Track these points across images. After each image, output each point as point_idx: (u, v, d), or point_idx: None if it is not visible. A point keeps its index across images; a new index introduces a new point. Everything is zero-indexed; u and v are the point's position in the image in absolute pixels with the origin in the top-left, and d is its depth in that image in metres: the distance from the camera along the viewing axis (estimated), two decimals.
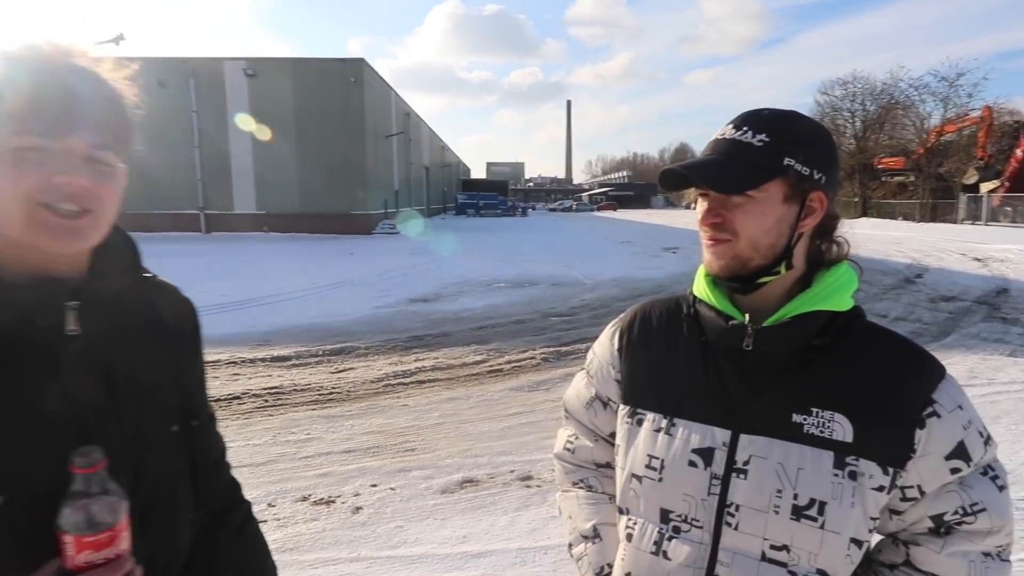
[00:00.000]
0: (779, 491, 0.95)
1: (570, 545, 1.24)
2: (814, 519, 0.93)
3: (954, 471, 0.95)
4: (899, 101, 46.14)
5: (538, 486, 3.89)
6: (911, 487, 0.96)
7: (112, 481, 0.76)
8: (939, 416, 0.94)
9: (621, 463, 1.11)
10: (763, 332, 0.97)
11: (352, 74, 25.26)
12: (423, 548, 3.18)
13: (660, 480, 1.03)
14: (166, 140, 23.23)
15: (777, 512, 0.95)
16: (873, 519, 0.96)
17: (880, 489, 0.94)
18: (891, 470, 0.93)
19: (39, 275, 0.83)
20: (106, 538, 0.73)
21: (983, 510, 0.95)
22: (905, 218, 40.34)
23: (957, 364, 6.51)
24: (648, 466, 1.05)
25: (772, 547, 0.95)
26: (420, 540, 3.26)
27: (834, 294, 0.98)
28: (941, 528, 0.98)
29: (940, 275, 12.93)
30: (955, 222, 35.59)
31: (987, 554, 0.98)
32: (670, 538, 1.02)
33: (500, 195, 55.37)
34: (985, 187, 36.28)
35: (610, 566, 1.13)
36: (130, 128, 0.87)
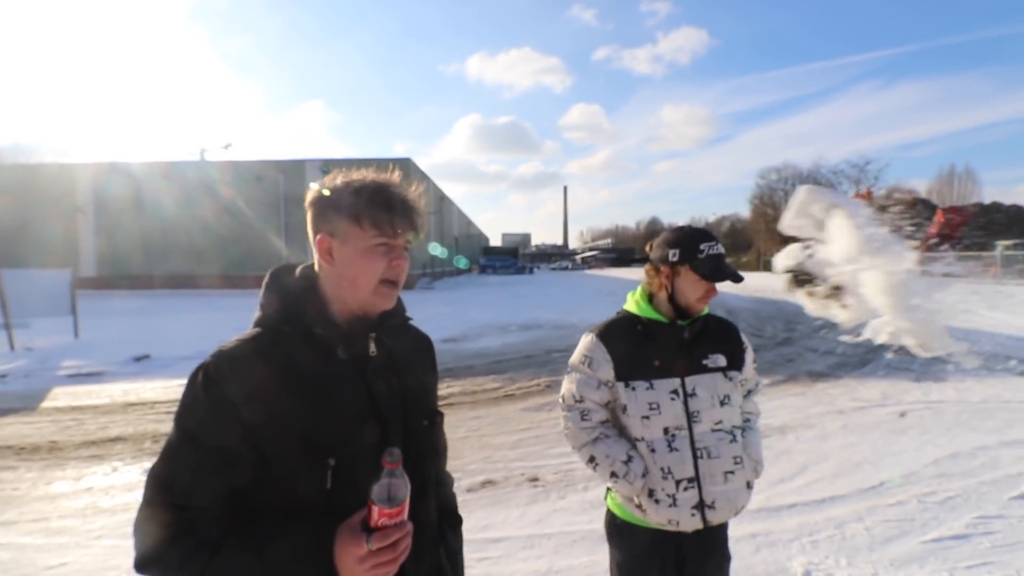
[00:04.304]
0: (712, 396, 1.52)
1: (613, 474, 1.50)
2: (729, 404, 1.54)
3: (753, 368, 1.67)
4: (821, 183, 46.49)
5: (543, 486, 3.79)
6: (745, 378, 1.64)
7: (404, 472, 0.82)
8: (747, 348, 1.66)
9: (632, 412, 1.52)
10: (690, 326, 1.56)
11: (400, 169, 25.66)
12: None
13: (660, 413, 1.50)
14: (260, 219, 24.00)
15: (714, 407, 1.52)
16: (740, 397, 1.61)
17: (740, 383, 1.61)
18: (740, 372, 1.60)
19: (355, 316, 0.97)
20: (397, 510, 0.81)
21: (759, 382, 1.73)
22: None
23: (872, 388, 6.35)
24: (650, 408, 1.51)
25: (714, 423, 1.52)
26: None
27: (706, 308, 1.60)
28: (749, 393, 1.68)
29: None
30: None
31: (754, 399, 1.70)
32: (672, 439, 1.50)
33: (512, 258, 55.45)
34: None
35: (646, 469, 1.50)
36: (424, 226, 0.99)
